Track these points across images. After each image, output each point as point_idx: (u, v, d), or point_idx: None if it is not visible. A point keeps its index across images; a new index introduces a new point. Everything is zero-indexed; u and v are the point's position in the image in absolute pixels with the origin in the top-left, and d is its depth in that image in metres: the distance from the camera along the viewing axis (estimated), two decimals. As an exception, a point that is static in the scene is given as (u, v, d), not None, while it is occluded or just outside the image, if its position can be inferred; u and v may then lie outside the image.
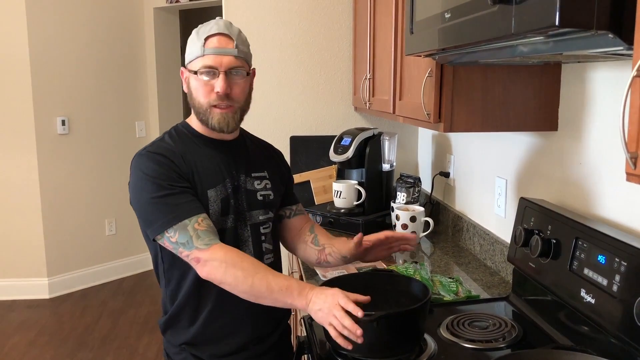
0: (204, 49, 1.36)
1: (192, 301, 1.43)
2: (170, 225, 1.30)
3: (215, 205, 1.40)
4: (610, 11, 0.72)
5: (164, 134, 1.48)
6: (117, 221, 4.68)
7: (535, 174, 1.67)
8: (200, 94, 1.39)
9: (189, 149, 1.43)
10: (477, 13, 0.95)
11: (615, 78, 1.30)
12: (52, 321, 3.87)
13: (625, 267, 1.09)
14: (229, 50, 1.37)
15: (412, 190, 2.39)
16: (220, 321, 1.44)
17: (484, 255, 1.99)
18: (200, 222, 1.31)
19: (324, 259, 1.58)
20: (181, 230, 1.30)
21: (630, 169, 0.72)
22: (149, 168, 1.35)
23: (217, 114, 1.39)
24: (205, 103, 1.39)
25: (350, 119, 3.03)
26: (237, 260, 1.29)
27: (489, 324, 1.40)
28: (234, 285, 1.28)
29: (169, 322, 1.47)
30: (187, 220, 1.30)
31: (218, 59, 1.36)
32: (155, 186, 1.33)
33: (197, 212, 1.33)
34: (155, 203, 1.32)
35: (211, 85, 1.37)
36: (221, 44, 1.37)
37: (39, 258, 4.25)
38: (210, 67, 1.36)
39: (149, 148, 1.41)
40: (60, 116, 4.27)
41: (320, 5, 2.96)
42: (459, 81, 1.49)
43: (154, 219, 1.33)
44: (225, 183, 1.43)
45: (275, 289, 1.25)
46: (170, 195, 1.33)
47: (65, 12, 4.24)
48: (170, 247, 1.32)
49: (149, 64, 4.84)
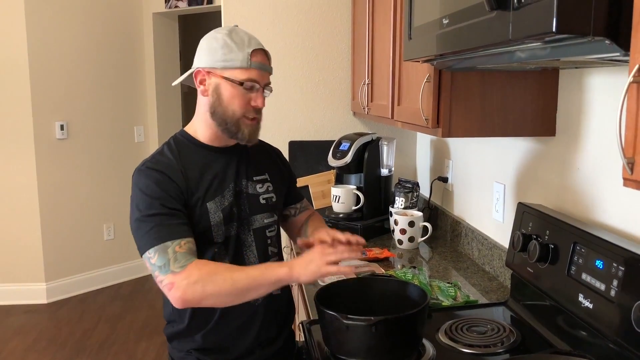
0: (250, 62, 1.37)
1: (200, 311, 1.42)
2: (152, 246, 1.30)
3: (216, 216, 1.40)
4: (606, 18, 0.72)
5: (162, 145, 1.47)
6: (115, 226, 4.68)
7: (533, 179, 1.67)
8: (236, 104, 1.39)
9: (189, 160, 1.42)
10: (475, 19, 0.95)
11: (612, 84, 1.30)
12: (50, 326, 3.86)
13: (623, 272, 1.10)
14: (268, 67, 1.43)
15: (410, 195, 2.39)
16: (228, 328, 1.45)
17: (482, 260, 1.99)
18: (183, 244, 1.30)
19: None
20: (161, 252, 1.29)
21: (627, 174, 0.72)
22: (144, 185, 1.35)
23: (249, 126, 1.42)
24: (239, 113, 1.40)
25: (349, 124, 3.04)
26: (212, 269, 1.30)
27: (488, 329, 1.40)
28: (217, 292, 1.27)
29: (176, 332, 1.47)
30: (169, 242, 1.29)
31: (261, 75, 1.40)
32: (147, 204, 1.33)
33: (182, 236, 1.32)
34: (143, 221, 1.32)
35: (249, 98, 1.40)
36: (264, 60, 1.41)
37: (36, 263, 4.24)
38: (255, 81, 1.39)
39: (148, 163, 1.40)
40: (59, 121, 4.27)
41: (319, 11, 2.97)
42: (457, 87, 1.50)
43: (140, 237, 1.33)
44: (225, 193, 1.43)
45: (255, 274, 1.29)
46: (159, 215, 1.32)
47: (64, 16, 4.24)
48: (149, 268, 1.32)
49: (148, 69, 4.84)
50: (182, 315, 1.44)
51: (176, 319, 1.46)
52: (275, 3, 2.96)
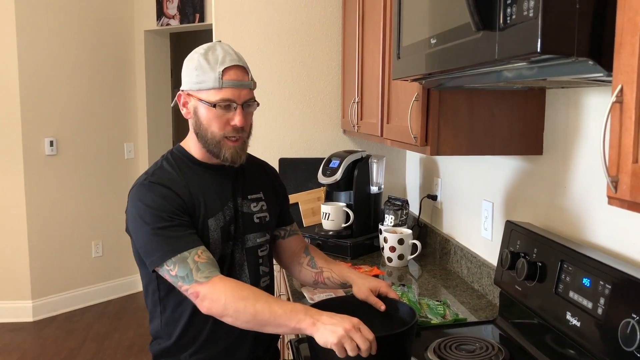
0: (221, 81, 1.34)
1: (189, 330, 1.41)
2: (169, 257, 1.29)
3: (215, 233, 1.39)
4: (590, 39, 0.74)
5: (161, 160, 1.45)
6: (103, 243, 4.64)
7: (521, 198, 1.68)
8: (214, 126, 1.36)
9: (189, 176, 1.41)
10: (462, 39, 0.97)
11: (597, 104, 1.32)
12: (36, 345, 3.80)
13: (609, 290, 1.10)
14: (245, 83, 1.37)
15: (400, 213, 2.39)
16: (216, 348, 1.43)
17: (471, 278, 2.00)
18: (200, 254, 1.30)
19: (321, 281, 1.58)
20: (180, 263, 1.28)
21: (612, 192, 0.73)
22: (149, 199, 1.34)
23: (230, 148, 1.38)
24: (219, 135, 1.37)
25: (339, 141, 3.05)
26: (237, 291, 1.26)
27: (476, 347, 1.40)
28: (236, 316, 1.25)
29: (163, 349, 1.45)
30: (186, 253, 1.29)
31: (236, 93, 1.35)
32: (155, 218, 1.31)
33: (196, 245, 1.31)
34: (155, 234, 1.31)
35: (227, 118, 1.36)
36: (238, 76, 1.36)
37: (23, 280, 4.19)
38: (229, 101, 1.35)
39: (150, 178, 1.38)
40: (49, 137, 4.25)
41: (310, 30, 3.00)
42: (445, 105, 1.51)
43: (153, 250, 1.31)
44: (224, 210, 1.42)
45: (279, 312, 1.22)
46: (169, 227, 1.31)
47: (56, 33, 4.25)
48: (170, 280, 1.31)
49: (139, 86, 4.85)
50: (170, 333, 1.43)
51: (163, 335, 1.44)
52: (266, 21, 2.98)
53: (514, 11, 0.78)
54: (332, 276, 1.55)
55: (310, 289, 1.84)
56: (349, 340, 1.12)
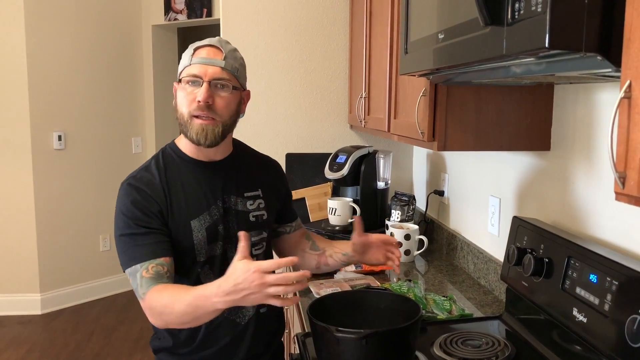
0: (191, 59, 1.34)
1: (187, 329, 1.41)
2: (126, 267, 1.32)
3: (199, 234, 1.37)
4: (598, 34, 0.74)
5: (151, 159, 1.44)
6: (111, 237, 4.66)
7: (529, 193, 1.68)
8: (183, 104, 1.35)
9: (175, 177, 1.39)
10: (470, 34, 0.96)
11: (605, 99, 1.31)
12: (44, 337, 3.83)
13: (616, 286, 1.10)
14: (215, 60, 1.34)
15: (406, 209, 2.39)
16: (216, 345, 1.43)
17: (477, 274, 1.99)
18: (150, 269, 1.28)
19: (324, 262, 1.59)
20: (132, 276, 1.30)
21: (619, 188, 0.73)
22: (122, 204, 1.36)
23: (197, 125, 1.33)
24: (186, 113, 1.34)
25: (346, 136, 3.05)
26: (159, 300, 1.24)
27: (482, 343, 1.40)
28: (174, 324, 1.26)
29: (163, 346, 1.46)
30: (138, 266, 1.29)
31: (203, 69, 1.33)
32: (124, 223, 1.34)
33: (152, 257, 1.29)
34: (120, 240, 1.34)
35: (194, 95, 1.32)
36: (209, 54, 1.35)
37: (31, 273, 4.23)
38: (194, 76, 1.33)
39: (131, 180, 1.38)
40: (57, 131, 4.28)
41: (317, 25, 2.99)
42: (453, 101, 1.51)
43: (119, 254, 1.34)
44: (211, 210, 1.40)
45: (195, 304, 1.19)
46: (134, 235, 1.32)
47: (64, 28, 4.27)
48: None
49: (147, 81, 4.86)
50: (170, 330, 1.42)
51: (163, 332, 1.45)
52: (273, 16, 2.98)
53: (522, 6, 0.78)
54: (334, 252, 1.57)
55: (316, 284, 1.84)
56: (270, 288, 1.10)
